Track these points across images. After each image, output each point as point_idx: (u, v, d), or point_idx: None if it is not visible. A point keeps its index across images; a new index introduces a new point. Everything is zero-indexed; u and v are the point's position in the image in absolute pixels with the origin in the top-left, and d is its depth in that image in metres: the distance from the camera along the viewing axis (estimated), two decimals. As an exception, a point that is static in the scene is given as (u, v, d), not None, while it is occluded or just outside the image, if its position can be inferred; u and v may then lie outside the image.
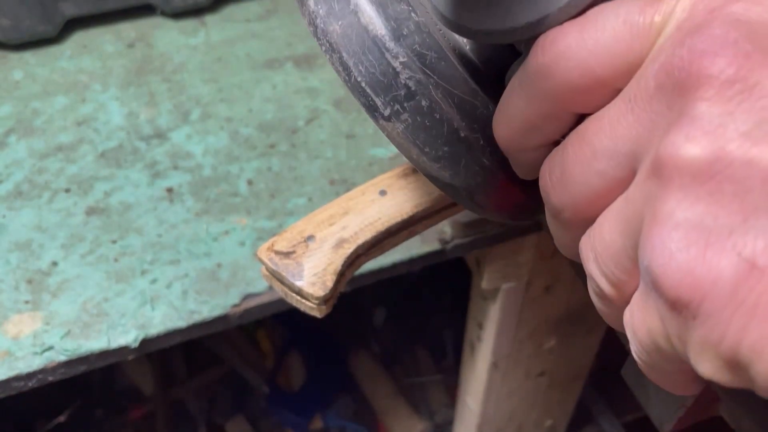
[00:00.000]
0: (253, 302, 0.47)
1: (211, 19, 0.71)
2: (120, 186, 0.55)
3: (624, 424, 1.12)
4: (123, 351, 0.45)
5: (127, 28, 0.70)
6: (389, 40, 0.24)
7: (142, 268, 0.49)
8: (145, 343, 0.45)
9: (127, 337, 0.45)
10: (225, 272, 0.49)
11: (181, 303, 0.47)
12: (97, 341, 0.45)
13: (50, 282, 0.48)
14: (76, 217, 0.52)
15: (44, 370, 0.44)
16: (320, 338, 1.15)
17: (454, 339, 1.17)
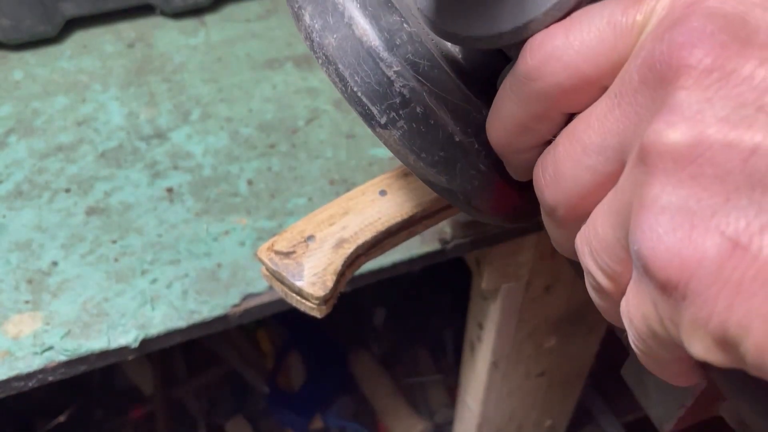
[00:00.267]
0: (253, 302, 0.47)
1: (211, 19, 0.71)
2: (120, 186, 0.55)
3: (624, 424, 1.12)
4: (123, 351, 0.45)
5: (127, 28, 0.70)
6: (383, 51, 0.25)
7: (142, 268, 0.49)
8: (145, 343, 0.45)
9: (127, 337, 0.45)
10: (225, 272, 0.49)
11: (181, 303, 0.47)
12: (97, 341, 0.45)
13: (50, 282, 0.48)
14: (76, 217, 0.52)
15: (44, 370, 0.44)
16: (320, 338, 1.15)
17: (454, 339, 1.17)
